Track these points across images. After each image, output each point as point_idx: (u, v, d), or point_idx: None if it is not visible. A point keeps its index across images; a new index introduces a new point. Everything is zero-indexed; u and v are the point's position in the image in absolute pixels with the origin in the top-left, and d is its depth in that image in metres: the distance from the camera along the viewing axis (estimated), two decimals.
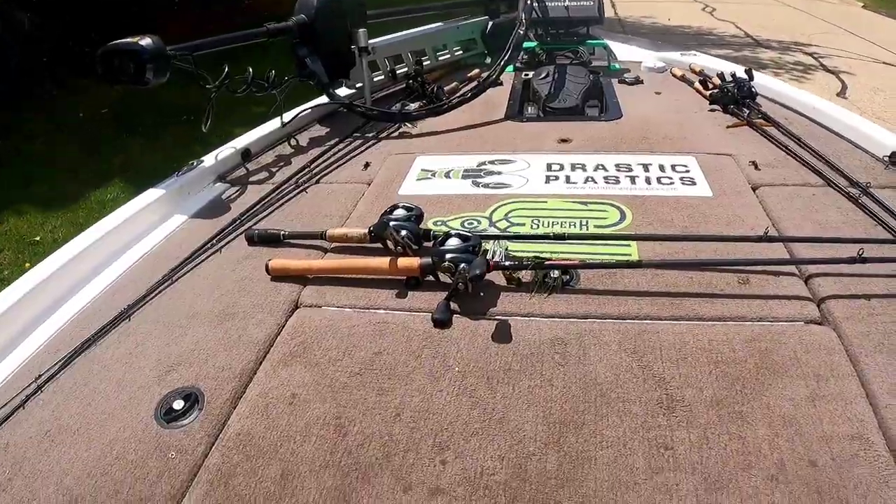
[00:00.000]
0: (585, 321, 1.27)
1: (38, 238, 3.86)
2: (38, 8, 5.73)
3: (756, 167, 1.87)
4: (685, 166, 1.89)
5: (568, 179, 1.85)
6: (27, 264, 3.41)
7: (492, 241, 1.43)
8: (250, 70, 2.10)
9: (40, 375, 1.19)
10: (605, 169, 1.90)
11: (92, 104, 5.62)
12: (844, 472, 0.95)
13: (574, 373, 1.15)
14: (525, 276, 1.38)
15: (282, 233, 1.59)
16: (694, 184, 1.78)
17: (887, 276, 1.34)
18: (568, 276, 1.38)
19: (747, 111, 2.31)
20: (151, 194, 1.82)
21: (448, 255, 1.31)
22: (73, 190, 4.38)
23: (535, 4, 2.92)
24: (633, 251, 1.47)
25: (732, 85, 2.44)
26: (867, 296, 1.29)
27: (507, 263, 1.35)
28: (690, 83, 2.75)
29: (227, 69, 2.00)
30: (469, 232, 1.41)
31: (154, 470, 1.01)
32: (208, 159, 2.05)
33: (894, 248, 1.42)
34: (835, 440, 1.00)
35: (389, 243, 1.43)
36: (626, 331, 1.24)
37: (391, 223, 1.42)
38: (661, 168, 1.89)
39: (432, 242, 1.42)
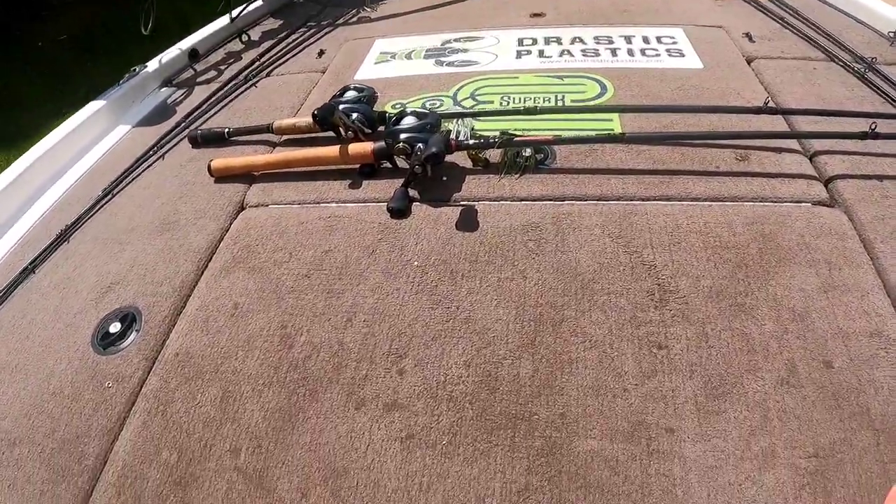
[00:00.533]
0: (563, 203, 1.13)
1: None
2: None
3: (750, 39, 1.69)
4: (672, 38, 1.71)
5: (541, 54, 1.67)
6: None
7: (455, 120, 1.26)
8: None
9: None
10: (582, 42, 1.71)
11: (50, 32, 5.31)
12: (863, 374, 0.84)
13: (551, 262, 1.02)
14: (494, 156, 1.24)
15: (226, 130, 1.44)
16: (682, 55, 1.61)
17: None
18: (542, 155, 1.23)
19: None
20: (92, 107, 1.66)
21: (403, 136, 1.16)
22: (39, 123, 4.16)
23: None
24: (615, 125, 1.32)
25: None
26: (879, 176, 1.14)
27: (471, 142, 1.19)
28: None
29: None
30: (429, 111, 1.26)
31: (90, 403, 0.91)
32: (152, 64, 1.87)
33: None
34: (852, 337, 0.88)
35: (341, 130, 1.28)
36: (609, 213, 1.10)
37: (341, 106, 1.27)
38: (646, 40, 1.70)
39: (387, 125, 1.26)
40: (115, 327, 1.01)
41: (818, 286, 0.95)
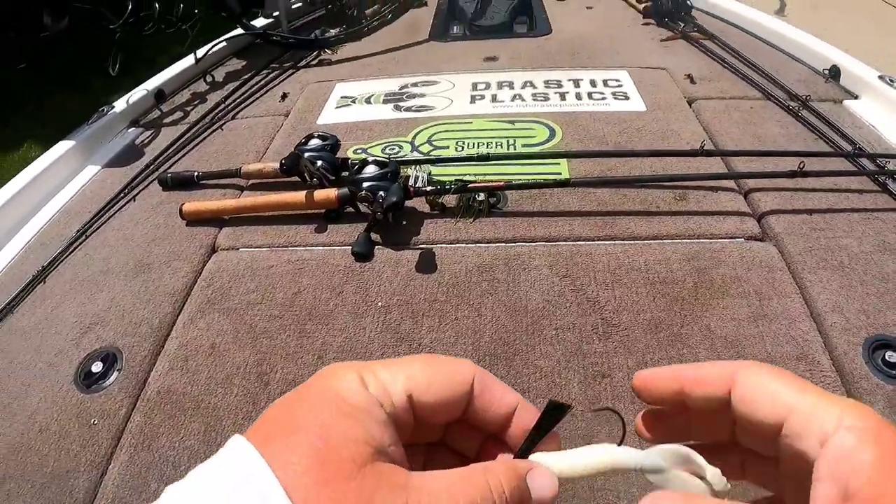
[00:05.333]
0: (514, 245, 1.23)
1: None
2: None
3: (692, 80, 1.82)
4: (618, 80, 1.83)
5: (494, 98, 1.77)
6: None
7: (413, 167, 1.36)
8: (157, 5, 1.95)
9: None
10: (533, 86, 1.83)
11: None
12: None
13: (503, 300, 1.11)
14: (450, 201, 1.33)
15: (195, 174, 1.51)
16: (627, 98, 1.73)
17: (828, 190, 1.30)
18: (495, 199, 1.34)
19: (682, 24, 2.24)
20: (61, 147, 1.70)
21: (365, 185, 1.25)
22: None
23: None
24: (563, 169, 1.42)
25: None
26: (808, 210, 1.25)
27: (427, 189, 1.29)
28: None
29: (130, 5, 1.85)
30: (388, 158, 1.35)
31: (77, 439, 0.96)
32: (119, 104, 1.92)
33: (835, 162, 1.38)
34: (779, 361, 0.96)
35: (306, 176, 1.36)
36: (556, 253, 1.20)
37: (306, 154, 1.35)
38: (593, 83, 1.82)
39: (350, 171, 1.35)
40: (97, 367, 1.06)
41: (748, 316, 1.04)
